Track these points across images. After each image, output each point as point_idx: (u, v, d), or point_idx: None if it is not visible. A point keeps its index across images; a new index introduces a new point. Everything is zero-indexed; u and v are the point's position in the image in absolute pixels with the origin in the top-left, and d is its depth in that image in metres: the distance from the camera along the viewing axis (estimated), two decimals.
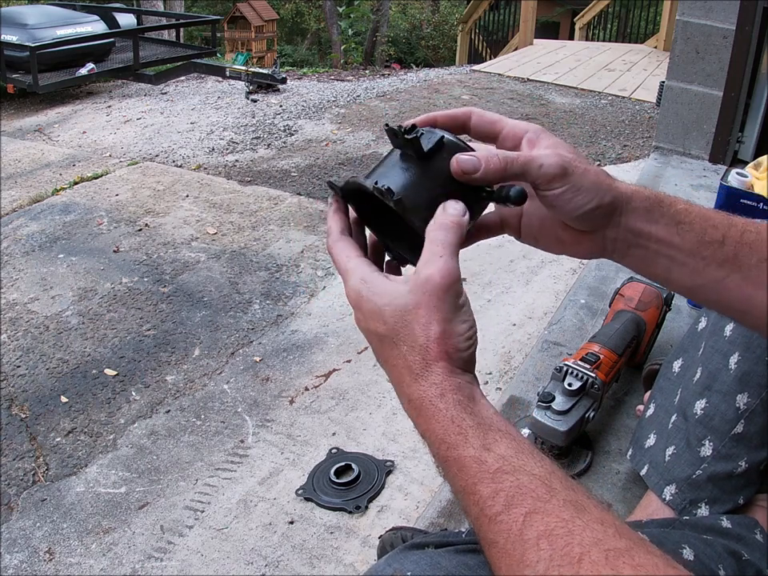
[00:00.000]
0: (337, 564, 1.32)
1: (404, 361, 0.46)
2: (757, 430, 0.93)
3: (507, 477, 0.41)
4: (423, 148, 0.50)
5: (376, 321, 0.47)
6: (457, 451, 0.43)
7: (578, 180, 0.51)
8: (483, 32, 8.16)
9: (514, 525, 0.39)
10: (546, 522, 0.39)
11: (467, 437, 0.43)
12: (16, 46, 4.71)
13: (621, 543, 0.37)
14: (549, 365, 1.56)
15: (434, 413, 0.45)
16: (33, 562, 1.37)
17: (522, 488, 0.40)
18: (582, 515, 0.39)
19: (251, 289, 2.36)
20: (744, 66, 2.70)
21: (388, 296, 0.47)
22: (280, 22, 15.70)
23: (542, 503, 0.39)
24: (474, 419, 0.44)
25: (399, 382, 0.47)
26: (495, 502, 0.41)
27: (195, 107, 4.72)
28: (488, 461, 0.42)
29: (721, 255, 0.53)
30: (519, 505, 0.40)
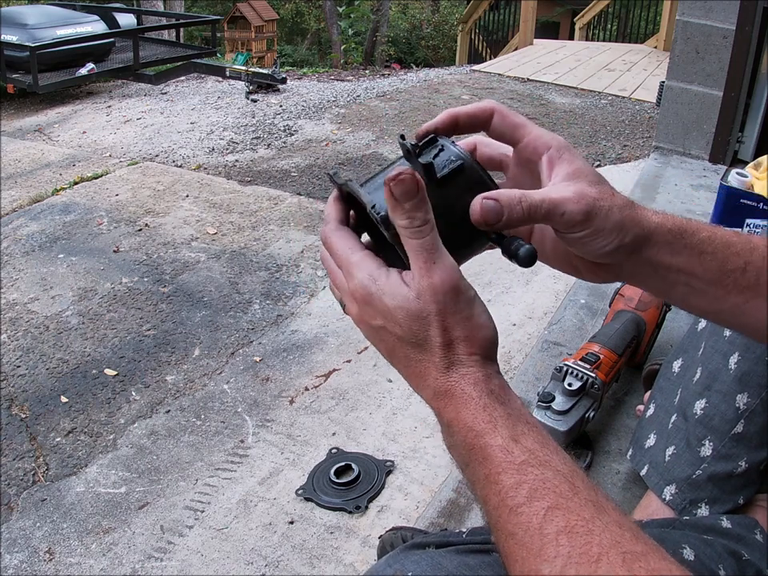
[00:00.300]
0: (337, 564, 1.32)
1: (429, 357, 0.45)
2: (757, 430, 0.93)
3: (532, 470, 0.41)
4: (437, 173, 0.46)
5: (390, 321, 0.45)
6: (484, 439, 0.43)
7: (600, 223, 0.49)
8: (483, 32, 8.17)
9: (535, 518, 0.39)
10: (567, 519, 0.38)
11: (497, 426, 0.43)
12: (16, 45, 4.71)
13: (638, 547, 0.37)
14: (549, 365, 1.56)
15: (466, 400, 0.44)
16: (33, 562, 1.37)
17: (546, 482, 0.40)
18: (602, 516, 0.39)
19: (251, 289, 2.36)
20: (744, 66, 2.70)
21: (400, 298, 0.45)
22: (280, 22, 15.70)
23: (565, 500, 0.39)
24: (504, 409, 0.44)
25: (423, 375, 0.46)
26: (518, 493, 0.40)
27: (195, 107, 4.72)
28: (515, 452, 0.42)
29: (743, 282, 0.52)
30: (542, 498, 0.40)
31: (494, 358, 0.47)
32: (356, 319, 0.49)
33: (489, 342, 0.46)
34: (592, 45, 7.01)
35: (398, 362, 0.48)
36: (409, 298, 0.45)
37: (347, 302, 0.49)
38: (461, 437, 0.44)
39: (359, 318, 0.48)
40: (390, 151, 3.65)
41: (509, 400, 0.45)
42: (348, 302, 0.49)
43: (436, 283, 0.44)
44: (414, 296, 0.45)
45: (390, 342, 0.47)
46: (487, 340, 0.46)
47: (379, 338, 0.48)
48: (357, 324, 0.49)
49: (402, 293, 0.45)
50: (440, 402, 0.45)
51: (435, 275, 0.44)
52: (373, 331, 0.48)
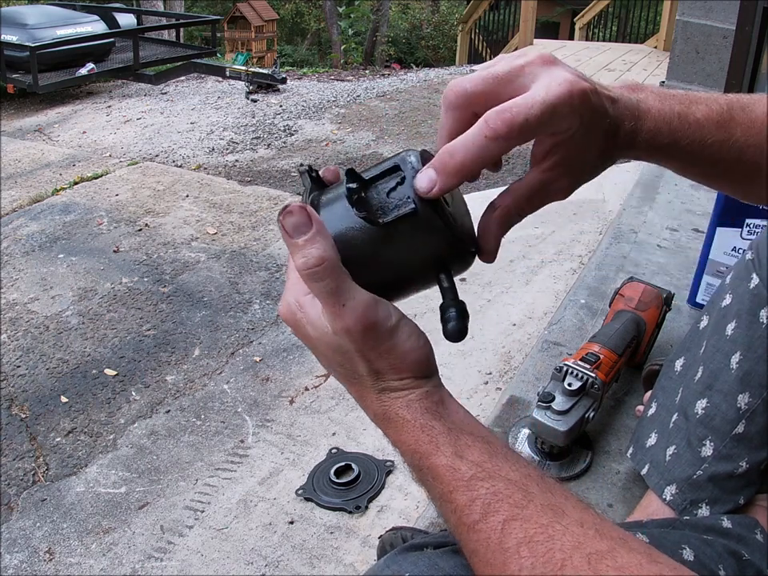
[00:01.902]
0: (337, 564, 1.32)
1: (361, 382, 0.45)
2: (758, 430, 0.93)
3: (482, 484, 0.40)
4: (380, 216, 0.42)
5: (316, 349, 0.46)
6: (429, 460, 0.42)
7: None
8: (483, 32, 8.16)
9: (493, 533, 0.39)
10: (524, 529, 0.38)
11: (438, 445, 0.42)
12: (16, 45, 4.71)
13: (602, 545, 0.37)
14: (549, 365, 1.56)
15: (402, 424, 0.43)
16: (33, 562, 1.37)
17: (497, 494, 0.40)
18: (561, 519, 0.38)
19: (251, 289, 2.36)
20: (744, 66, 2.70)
21: (320, 332, 0.44)
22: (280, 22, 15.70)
23: (520, 509, 0.39)
24: (443, 425, 0.43)
25: (361, 398, 0.46)
26: (472, 511, 0.40)
27: (195, 107, 4.71)
28: (461, 468, 0.41)
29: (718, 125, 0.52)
30: (496, 512, 0.39)
31: (428, 373, 0.45)
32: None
33: (420, 363, 0.45)
34: (592, 45, 7.01)
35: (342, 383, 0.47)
36: (327, 333, 0.43)
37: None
38: (408, 458, 0.44)
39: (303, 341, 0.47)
40: (389, 151, 3.65)
41: (448, 414, 0.44)
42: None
43: (349, 325, 0.42)
44: (331, 333, 0.43)
45: (325, 364, 0.47)
46: (417, 362, 0.44)
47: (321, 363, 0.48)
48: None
49: (321, 327, 0.44)
50: (380, 424, 0.45)
51: (346, 318, 0.42)
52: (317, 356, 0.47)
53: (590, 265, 2.05)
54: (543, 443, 1.21)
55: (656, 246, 2.03)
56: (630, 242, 2.07)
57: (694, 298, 1.68)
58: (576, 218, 2.56)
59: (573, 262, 2.31)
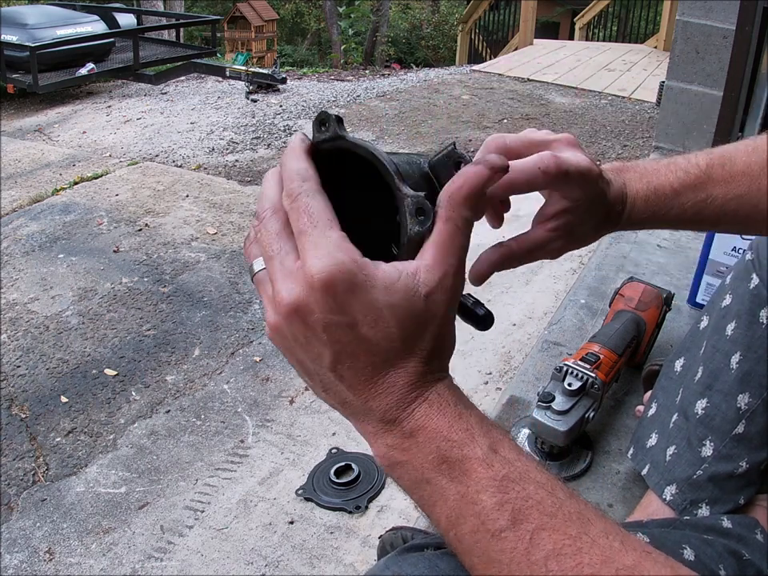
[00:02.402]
0: (337, 564, 1.32)
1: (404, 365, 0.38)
2: (758, 431, 0.93)
3: (514, 486, 0.37)
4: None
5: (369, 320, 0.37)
6: (463, 450, 0.37)
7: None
8: (483, 32, 8.16)
9: (520, 543, 0.35)
10: (553, 541, 0.35)
11: (474, 435, 0.38)
12: (16, 45, 4.71)
13: (628, 559, 0.35)
14: (549, 365, 1.56)
15: (442, 406, 0.38)
16: (33, 562, 1.37)
17: (528, 500, 0.36)
18: (589, 529, 0.36)
19: (251, 289, 2.36)
20: (744, 66, 2.70)
21: (401, 295, 0.37)
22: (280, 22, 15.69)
23: (549, 518, 0.36)
24: (477, 414, 0.39)
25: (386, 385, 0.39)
26: (500, 516, 0.36)
27: (195, 107, 4.71)
28: (494, 465, 0.37)
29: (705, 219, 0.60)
30: (526, 520, 0.36)
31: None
32: (290, 308, 0.37)
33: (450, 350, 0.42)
34: (592, 45, 7.01)
35: (348, 371, 0.38)
36: (415, 296, 0.37)
37: (282, 283, 0.38)
38: (430, 447, 0.38)
39: (298, 308, 0.37)
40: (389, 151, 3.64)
41: (473, 406, 0.40)
42: (285, 283, 0.38)
43: (457, 286, 0.39)
44: (423, 295, 0.38)
45: (349, 347, 0.37)
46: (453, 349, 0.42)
47: (326, 341, 0.38)
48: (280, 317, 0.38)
49: (404, 289, 0.37)
50: (404, 411, 0.38)
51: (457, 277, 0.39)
52: (318, 329, 0.37)
53: (589, 265, 2.05)
54: (543, 443, 1.21)
55: (656, 245, 2.03)
56: (630, 241, 2.07)
57: (694, 298, 1.68)
58: None
59: (573, 262, 2.31)
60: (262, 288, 0.41)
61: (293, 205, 0.38)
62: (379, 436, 0.39)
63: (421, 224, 0.38)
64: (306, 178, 0.38)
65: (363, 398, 0.39)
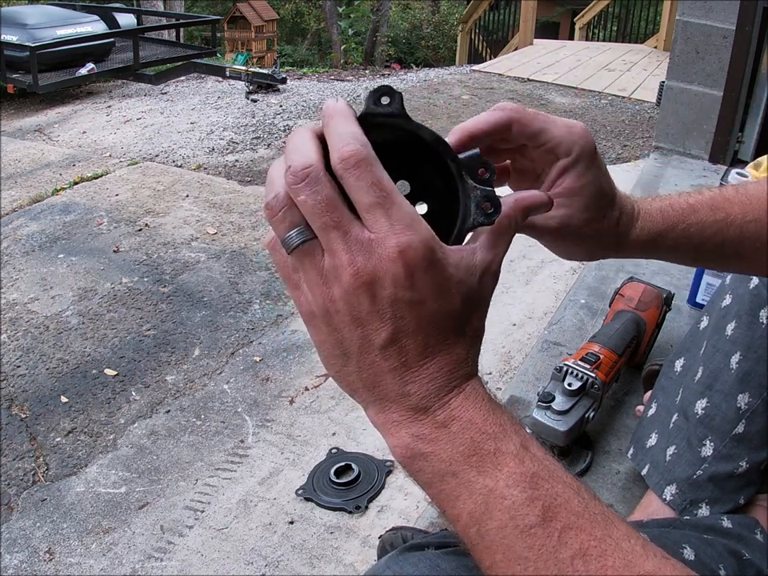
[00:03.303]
0: (337, 564, 1.32)
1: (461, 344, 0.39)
2: (758, 430, 0.93)
3: (544, 483, 0.37)
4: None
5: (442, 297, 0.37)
6: (496, 444, 0.37)
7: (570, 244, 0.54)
8: (483, 32, 8.16)
9: (549, 541, 0.35)
10: (580, 541, 0.35)
11: (506, 430, 0.38)
12: (16, 45, 4.71)
13: (649, 564, 0.35)
14: (549, 365, 1.56)
15: (478, 398, 0.39)
16: (33, 562, 1.37)
17: (557, 498, 0.36)
18: (612, 532, 0.36)
19: (251, 289, 2.36)
20: (744, 66, 2.70)
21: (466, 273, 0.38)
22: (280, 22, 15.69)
23: (576, 517, 0.36)
24: (507, 412, 0.39)
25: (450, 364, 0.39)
26: (530, 512, 0.36)
27: (195, 107, 4.71)
28: (526, 461, 0.37)
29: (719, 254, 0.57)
30: (555, 518, 0.36)
31: None
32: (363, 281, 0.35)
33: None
34: (592, 45, 7.01)
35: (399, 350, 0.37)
36: (474, 275, 0.39)
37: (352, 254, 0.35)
38: (463, 438, 0.37)
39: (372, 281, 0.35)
40: None
41: (503, 406, 0.41)
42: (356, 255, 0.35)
43: (498, 276, 0.41)
44: (479, 275, 0.39)
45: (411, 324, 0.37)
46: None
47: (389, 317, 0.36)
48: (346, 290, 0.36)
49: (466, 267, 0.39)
50: (440, 399, 0.38)
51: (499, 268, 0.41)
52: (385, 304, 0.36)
53: (590, 265, 2.05)
54: (543, 443, 1.21)
55: None
56: None
57: (694, 298, 1.69)
58: None
59: (573, 262, 2.31)
60: (310, 260, 0.37)
61: (355, 172, 0.35)
62: (404, 425, 0.38)
63: (487, 216, 0.40)
64: (363, 144, 0.36)
65: (403, 381, 0.38)
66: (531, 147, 0.50)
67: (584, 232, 0.52)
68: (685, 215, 0.55)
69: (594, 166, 0.51)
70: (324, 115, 0.38)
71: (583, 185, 0.51)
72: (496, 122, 0.47)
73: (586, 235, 0.53)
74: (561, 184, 0.50)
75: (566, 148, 0.49)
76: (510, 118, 0.48)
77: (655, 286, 1.50)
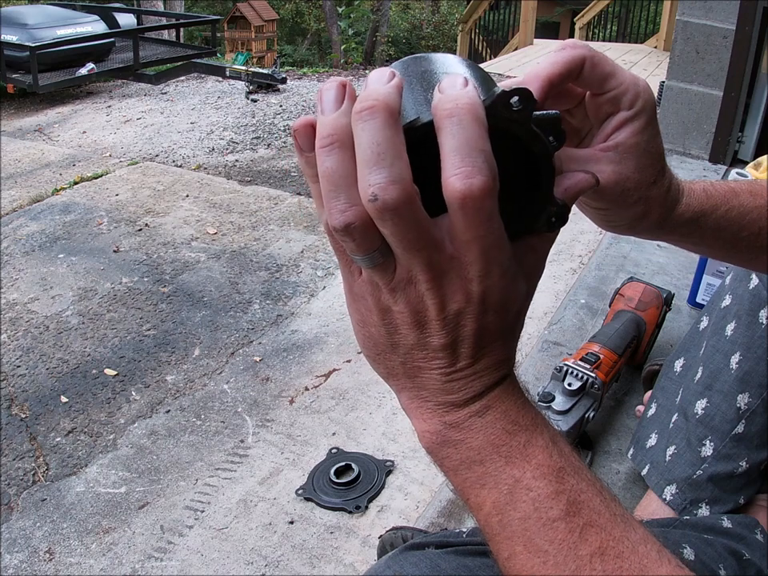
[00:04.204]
0: (337, 564, 1.32)
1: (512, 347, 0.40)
2: (757, 430, 0.93)
3: (569, 478, 0.37)
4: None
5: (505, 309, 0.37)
6: (527, 436, 0.37)
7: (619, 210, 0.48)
8: (483, 32, 8.16)
9: (570, 535, 0.35)
10: (600, 539, 0.35)
11: (537, 423, 0.38)
12: (16, 45, 4.71)
13: (663, 570, 0.35)
14: (549, 365, 1.56)
15: (515, 390, 0.39)
16: (33, 562, 1.37)
17: (581, 494, 0.36)
18: (630, 533, 0.36)
19: (251, 289, 2.36)
20: (744, 66, 2.70)
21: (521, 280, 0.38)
22: (280, 21, 15.68)
23: (597, 516, 0.36)
24: (536, 406, 0.40)
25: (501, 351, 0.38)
26: (554, 505, 0.36)
27: (195, 107, 4.71)
28: (554, 455, 0.37)
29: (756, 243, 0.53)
30: (578, 514, 0.36)
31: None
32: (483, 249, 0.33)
33: None
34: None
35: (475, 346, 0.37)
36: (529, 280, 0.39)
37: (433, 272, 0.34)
38: (495, 427, 0.37)
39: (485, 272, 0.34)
40: None
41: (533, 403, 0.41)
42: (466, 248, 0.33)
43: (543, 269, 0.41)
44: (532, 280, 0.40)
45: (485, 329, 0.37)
46: None
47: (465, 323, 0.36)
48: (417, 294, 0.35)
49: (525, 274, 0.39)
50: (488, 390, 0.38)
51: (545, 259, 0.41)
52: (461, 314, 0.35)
53: (590, 265, 2.05)
54: None
55: (656, 245, 2.03)
56: (630, 241, 2.07)
57: (694, 297, 1.69)
58: (576, 217, 2.54)
59: (573, 262, 2.31)
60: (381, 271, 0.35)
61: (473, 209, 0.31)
62: (438, 414, 0.38)
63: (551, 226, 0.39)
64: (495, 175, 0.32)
65: (449, 379, 0.37)
66: (594, 96, 0.46)
67: (633, 197, 0.47)
68: (727, 197, 0.53)
69: (652, 123, 0.47)
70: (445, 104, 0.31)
71: (638, 142, 0.46)
72: (571, 61, 0.44)
73: (634, 201, 0.47)
74: (615, 138, 0.46)
75: (631, 98, 0.45)
76: (583, 56, 0.44)
77: (655, 286, 1.50)
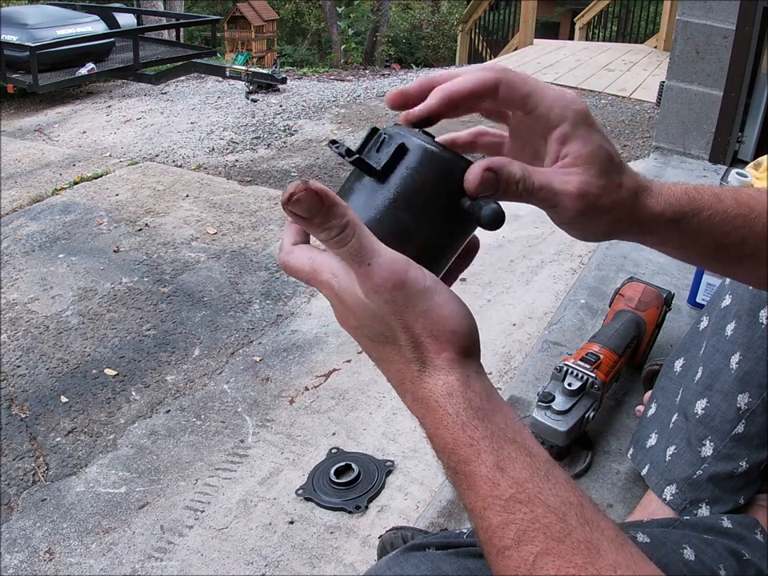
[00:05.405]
0: (337, 564, 1.32)
1: (402, 357, 0.41)
2: (758, 430, 0.93)
3: (520, 507, 0.37)
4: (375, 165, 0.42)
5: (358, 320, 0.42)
6: (468, 467, 0.38)
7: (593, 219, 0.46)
8: (483, 32, 8.16)
9: (523, 564, 0.36)
10: (557, 567, 0.35)
11: (479, 451, 0.38)
12: (16, 45, 4.71)
13: None
14: (549, 365, 1.56)
15: (441, 416, 0.39)
16: (33, 562, 1.37)
17: (535, 522, 0.36)
18: (596, 560, 0.35)
19: (251, 289, 2.36)
20: (744, 66, 2.70)
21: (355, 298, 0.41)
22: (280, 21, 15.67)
23: (555, 543, 0.36)
24: (487, 428, 0.39)
25: (400, 380, 0.41)
26: (505, 535, 0.37)
27: (195, 107, 4.71)
28: (501, 485, 0.37)
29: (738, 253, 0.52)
30: (530, 542, 0.36)
31: (472, 353, 0.41)
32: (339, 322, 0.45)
33: (461, 335, 0.41)
34: (592, 45, 7.01)
35: (378, 364, 0.43)
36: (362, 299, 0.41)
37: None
38: (443, 457, 0.40)
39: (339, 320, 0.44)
40: None
41: (492, 412, 0.40)
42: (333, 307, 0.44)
43: (377, 284, 0.40)
44: (364, 297, 0.41)
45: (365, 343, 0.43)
46: (457, 333, 0.41)
47: (358, 339, 0.44)
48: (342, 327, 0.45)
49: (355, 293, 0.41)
50: (418, 411, 0.41)
51: (375, 277, 0.40)
52: (352, 332, 0.44)
53: (590, 265, 2.05)
54: (543, 443, 1.21)
55: None
56: None
57: (694, 297, 1.69)
58: None
59: (573, 262, 2.31)
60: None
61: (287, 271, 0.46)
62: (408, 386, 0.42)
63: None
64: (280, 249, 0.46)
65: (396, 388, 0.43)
66: (521, 115, 0.46)
67: (603, 203, 0.46)
68: (711, 202, 0.51)
69: (595, 129, 0.46)
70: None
71: (591, 150, 0.45)
72: (481, 82, 0.44)
73: (605, 208, 0.46)
74: (568, 153, 0.45)
75: (559, 114, 0.44)
76: (497, 78, 0.44)
77: (655, 286, 1.50)
